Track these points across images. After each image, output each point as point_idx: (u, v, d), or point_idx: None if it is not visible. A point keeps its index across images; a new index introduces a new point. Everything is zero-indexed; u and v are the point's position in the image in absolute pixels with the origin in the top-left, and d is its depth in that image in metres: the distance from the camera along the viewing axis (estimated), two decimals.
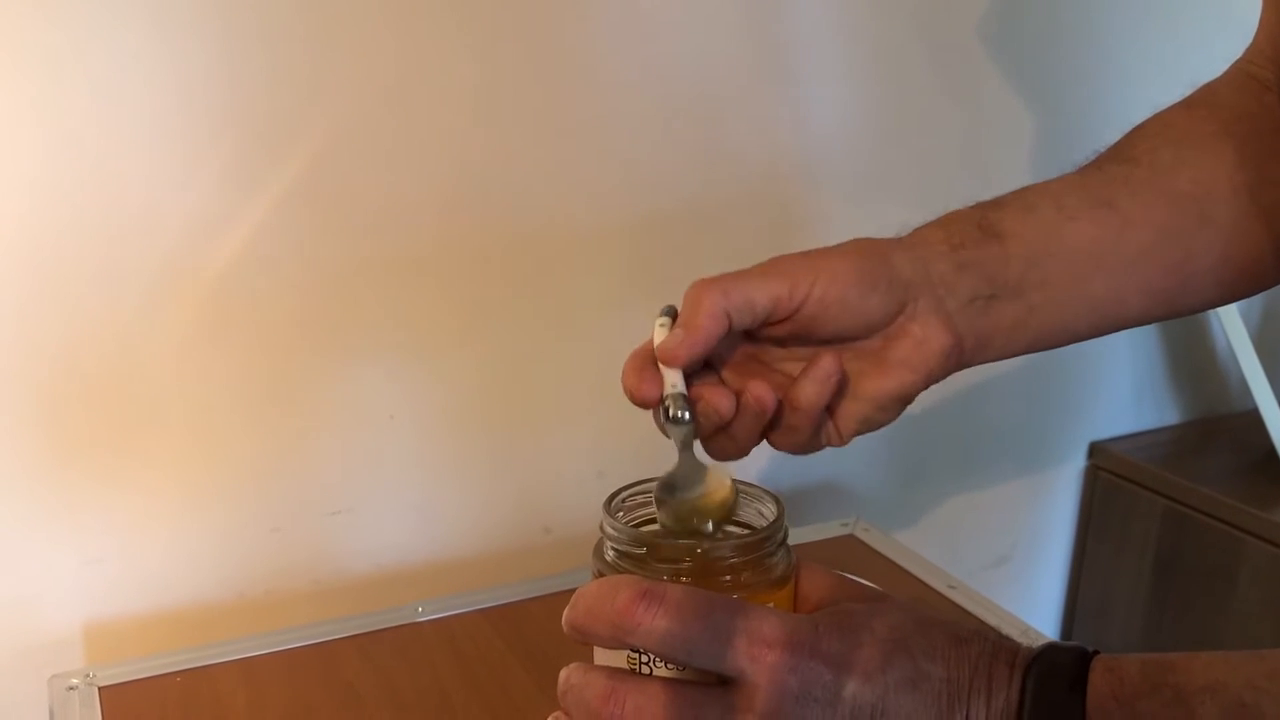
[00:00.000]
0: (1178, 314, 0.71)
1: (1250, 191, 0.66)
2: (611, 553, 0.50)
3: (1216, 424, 1.45)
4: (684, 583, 0.48)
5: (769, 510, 0.51)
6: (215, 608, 0.96)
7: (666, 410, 0.56)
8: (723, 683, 0.46)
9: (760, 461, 1.16)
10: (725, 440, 0.59)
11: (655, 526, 0.53)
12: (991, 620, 0.93)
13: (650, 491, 0.53)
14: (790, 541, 0.51)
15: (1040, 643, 0.47)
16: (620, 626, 0.45)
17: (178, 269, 0.88)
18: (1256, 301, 1.44)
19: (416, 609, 0.92)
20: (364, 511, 1.00)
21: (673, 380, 0.57)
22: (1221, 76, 0.72)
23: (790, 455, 1.16)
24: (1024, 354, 0.69)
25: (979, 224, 0.66)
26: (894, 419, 0.64)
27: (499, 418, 1.04)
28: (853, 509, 1.20)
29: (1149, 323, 0.71)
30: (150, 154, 0.85)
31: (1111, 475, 1.36)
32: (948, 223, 0.66)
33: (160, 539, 0.93)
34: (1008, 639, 0.48)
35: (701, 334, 0.57)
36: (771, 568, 0.49)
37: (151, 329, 0.88)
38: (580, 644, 0.48)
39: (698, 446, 0.58)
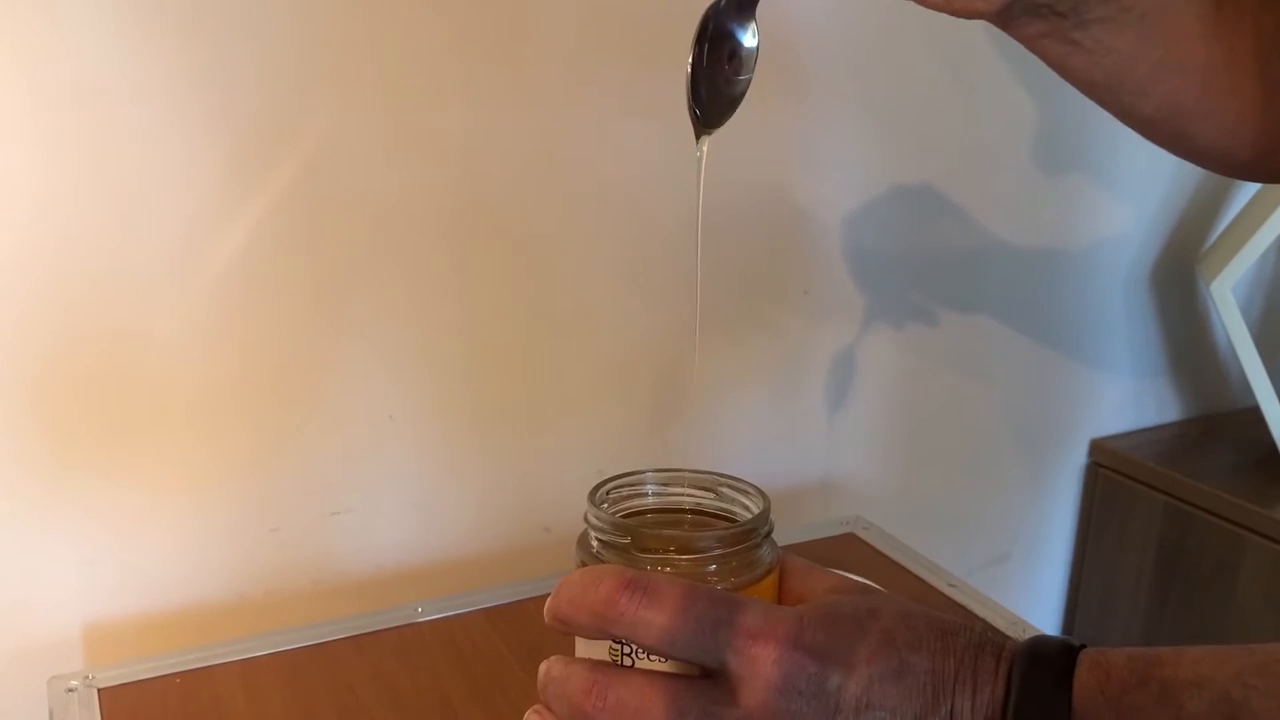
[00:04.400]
0: (1175, 149, 0.69)
1: None
2: (595, 542, 0.50)
3: (1217, 421, 1.46)
4: (668, 573, 0.47)
5: (755, 504, 0.51)
6: (215, 608, 0.96)
7: None
8: (707, 675, 0.46)
9: (760, 461, 1.17)
10: None
11: (640, 517, 0.53)
12: (993, 618, 0.92)
13: (635, 483, 0.53)
14: (791, 540, 0.51)
15: (1028, 636, 0.47)
16: (603, 616, 0.45)
17: (175, 270, 0.88)
18: (1257, 298, 1.44)
19: (416, 609, 0.92)
20: (364, 511, 1.00)
21: None
22: None
23: (789, 452, 1.16)
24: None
25: None
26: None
27: (498, 417, 1.04)
28: (853, 507, 1.20)
29: (1144, 134, 0.69)
30: (147, 154, 0.85)
31: (1112, 472, 1.36)
32: None
33: (159, 539, 0.93)
34: (994, 631, 0.47)
35: None
36: (756, 561, 0.49)
37: (149, 330, 0.89)
38: (562, 634, 0.48)
39: None
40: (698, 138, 0.60)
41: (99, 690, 0.81)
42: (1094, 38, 0.62)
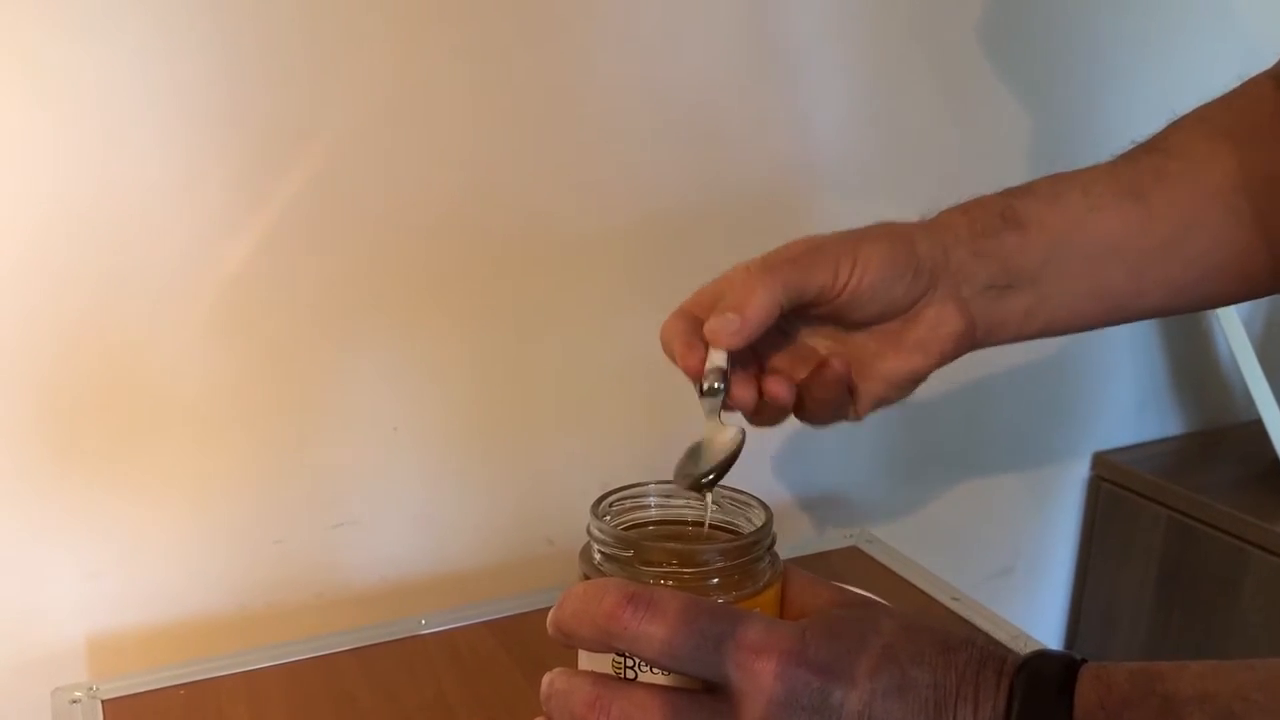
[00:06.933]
0: (1196, 307, 0.72)
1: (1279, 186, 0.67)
2: (598, 555, 0.50)
3: (1220, 435, 1.45)
4: (670, 586, 0.48)
5: (757, 517, 0.52)
6: (218, 620, 0.96)
7: (703, 385, 0.60)
8: (709, 689, 0.46)
9: (764, 473, 1.17)
10: (755, 418, 0.66)
11: (642, 530, 0.53)
12: (996, 632, 0.92)
13: (638, 495, 0.54)
14: (794, 554, 0.51)
15: (1030, 650, 0.47)
16: (606, 630, 0.45)
17: (180, 281, 0.88)
18: (1259, 311, 1.44)
19: (420, 621, 0.92)
20: (367, 523, 1.00)
21: (716, 357, 0.60)
22: (1265, 71, 0.72)
23: (793, 465, 1.16)
24: (1037, 338, 0.70)
25: (1002, 213, 0.67)
26: (908, 395, 0.68)
27: (502, 429, 1.04)
28: (856, 520, 1.20)
29: (1167, 315, 0.72)
30: (154, 165, 0.85)
31: (1115, 486, 1.36)
32: (971, 209, 0.68)
33: (163, 551, 0.93)
34: (997, 646, 0.47)
35: (753, 325, 0.60)
36: (758, 574, 0.49)
37: (153, 342, 0.89)
38: (565, 646, 0.48)
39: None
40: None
41: (103, 702, 0.81)
42: (1059, 287, 0.67)
